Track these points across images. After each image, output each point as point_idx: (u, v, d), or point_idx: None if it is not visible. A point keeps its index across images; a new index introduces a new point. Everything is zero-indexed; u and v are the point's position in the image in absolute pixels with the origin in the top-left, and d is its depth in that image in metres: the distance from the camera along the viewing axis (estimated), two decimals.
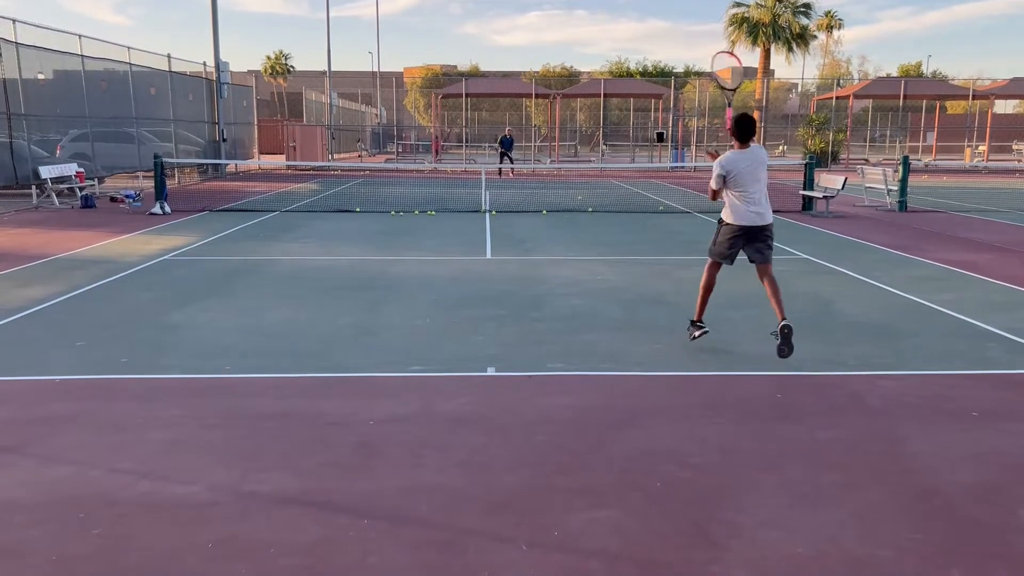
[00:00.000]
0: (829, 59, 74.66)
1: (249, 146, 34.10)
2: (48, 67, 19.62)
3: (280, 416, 5.16)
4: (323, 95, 43.99)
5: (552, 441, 4.79)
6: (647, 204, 19.61)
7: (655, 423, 5.11)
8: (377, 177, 29.66)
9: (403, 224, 15.14)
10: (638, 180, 29.14)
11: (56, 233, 13.37)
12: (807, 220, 16.28)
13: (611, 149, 52.14)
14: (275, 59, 74.43)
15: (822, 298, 8.79)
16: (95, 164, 20.40)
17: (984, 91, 44.38)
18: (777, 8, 40.74)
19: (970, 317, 7.86)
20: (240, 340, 6.96)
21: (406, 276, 9.91)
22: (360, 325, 7.49)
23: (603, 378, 6.00)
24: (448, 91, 44.86)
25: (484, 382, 5.92)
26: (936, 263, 11.08)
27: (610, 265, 10.82)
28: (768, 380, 5.97)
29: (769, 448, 4.70)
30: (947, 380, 6.04)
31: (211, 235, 13.27)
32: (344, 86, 67.37)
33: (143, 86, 23.84)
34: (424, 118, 66.52)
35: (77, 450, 4.62)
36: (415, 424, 5.04)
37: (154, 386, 5.77)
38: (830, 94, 46.85)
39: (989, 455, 4.64)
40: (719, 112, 59.02)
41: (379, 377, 6.02)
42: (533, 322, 7.60)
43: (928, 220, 16.45)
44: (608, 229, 14.57)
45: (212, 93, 28.41)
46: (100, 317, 7.73)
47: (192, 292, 8.84)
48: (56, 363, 6.22)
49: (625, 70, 66.83)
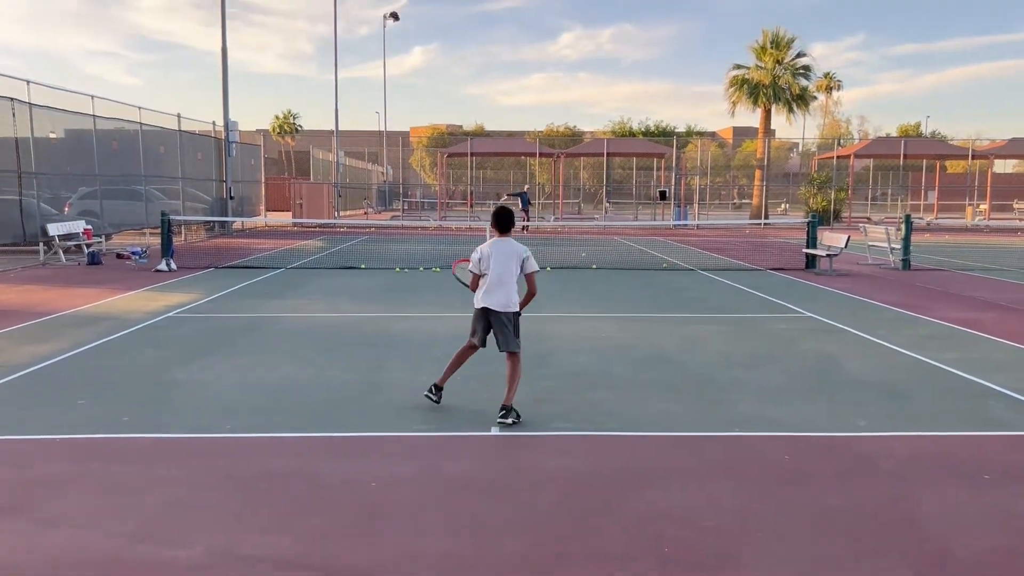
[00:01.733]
0: (829, 119, 75.68)
1: (256, 203, 34.43)
2: (60, 126, 19.95)
3: (281, 477, 5.10)
4: (330, 154, 44.58)
5: (558, 504, 4.71)
6: (651, 261, 19.67)
7: (663, 485, 5.03)
8: (383, 234, 29.86)
9: (408, 281, 15.18)
10: (641, 237, 29.29)
11: (62, 290, 13.41)
12: (811, 278, 16.29)
13: (614, 207, 52.55)
14: (283, 118, 75.63)
15: (828, 357, 8.74)
16: (103, 221, 20.58)
17: (983, 151, 44.83)
18: (777, 70, 41.40)
19: (977, 376, 7.79)
20: (243, 398, 6.91)
21: (410, 333, 9.89)
22: (364, 383, 7.44)
23: (610, 438, 5.93)
24: (454, 150, 45.45)
25: (489, 442, 5.85)
26: (941, 322, 11.04)
27: (615, 322, 10.80)
28: (777, 441, 5.89)
29: (781, 513, 4.62)
30: (957, 441, 5.96)
31: (216, 292, 13.30)
32: (351, 145, 68.40)
33: (153, 145, 24.20)
34: (430, 176, 67.28)
35: (76, 512, 4.54)
36: (418, 486, 4.97)
37: (155, 446, 5.71)
38: (831, 153, 47.35)
39: (1003, 519, 4.54)
40: (721, 171, 59.68)
41: (382, 437, 5.96)
42: (539, 380, 7.54)
43: (932, 278, 16.45)
44: (613, 286, 14.58)
45: (220, 151, 28.81)
46: (103, 375, 7.70)
47: (196, 349, 8.82)
48: (58, 422, 6.17)
49: (628, 130, 67.79)
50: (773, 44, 41.79)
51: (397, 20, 53.42)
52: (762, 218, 39.41)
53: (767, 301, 12.97)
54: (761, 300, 13.09)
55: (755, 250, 23.62)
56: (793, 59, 42.04)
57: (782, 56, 41.65)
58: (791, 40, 41.97)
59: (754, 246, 25.41)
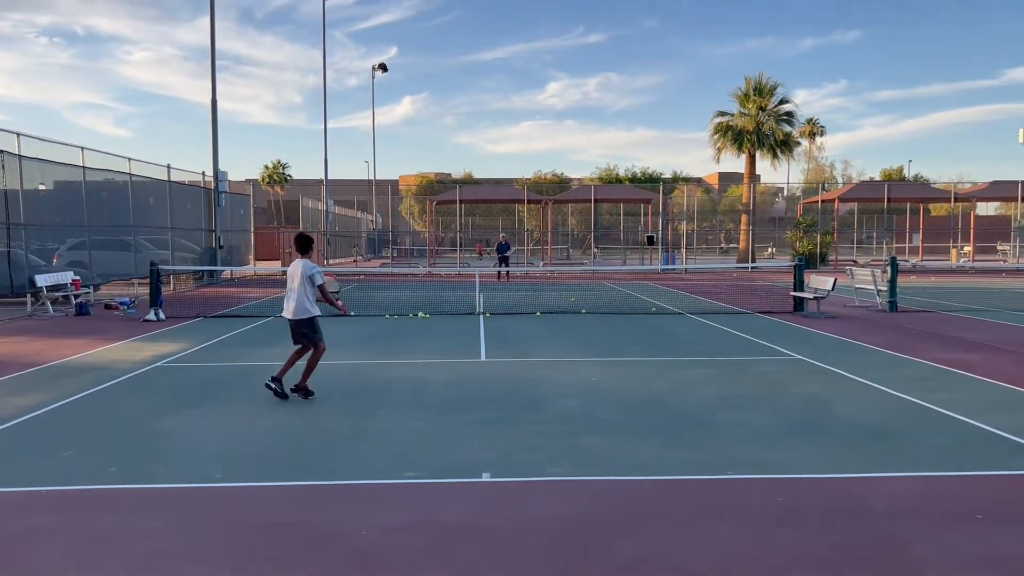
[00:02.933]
0: (813, 164, 76.77)
1: (245, 252, 34.46)
2: (49, 178, 20.00)
3: (271, 526, 5.04)
4: (320, 203, 44.80)
5: (549, 549, 4.67)
6: (640, 305, 19.73)
7: (655, 529, 5.00)
8: (372, 281, 29.90)
9: (397, 327, 15.17)
10: (630, 282, 29.42)
11: (49, 341, 13.34)
12: (799, 320, 16.38)
13: (602, 252, 52.91)
14: (273, 168, 76.11)
15: (818, 399, 8.76)
16: (91, 272, 20.54)
17: (965, 193, 45.54)
18: (760, 116, 42.12)
19: (967, 417, 7.83)
20: (232, 447, 6.86)
21: (400, 379, 9.87)
22: (354, 431, 7.40)
23: (601, 483, 5.91)
24: (442, 198, 45.85)
25: (480, 488, 5.82)
26: (930, 363, 11.10)
27: (605, 366, 10.81)
28: (769, 483, 5.88)
29: (773, 555, 4.60)
30: (948, 482, 5.96)
31: (205, 341, 13.25)
32: (341, 193, 68.70)
33: (142, 195, 24.27)
34: (419, 224, 67.61)
35: (62, 565, 4.48)
36: (409, 533, 4.93)
37: (143, 496, 5.65)
38: (816, 197, 47.98)
39: (997, 559, 4.54)
40: (708, 216, 60.25)
41: (373, 484, 5.91)
42: (529, 424, 7.53)
43: (919, 320, 16.57)
44: (602, 330, 14.62)
45: (210, 202, 28.92)
46: (90, 426, 7.63)
47: (184, 399, 8.76)
48: (44, 474, 6.11)
49: (615, 176, 68.56)
50: (756, 91, 42.60)
51: (386, 71, 54.20)
52: (749, 262, 39.72)
53: (756, 344, 13.02)
54: (750, 343, 13.14)
55: (743, 294, 23.76)
56: (776, 105, 42.83)
57: (765, 103, 42.42)
58: (774, 87, 42.85)
59: (742, 290, 25.56)
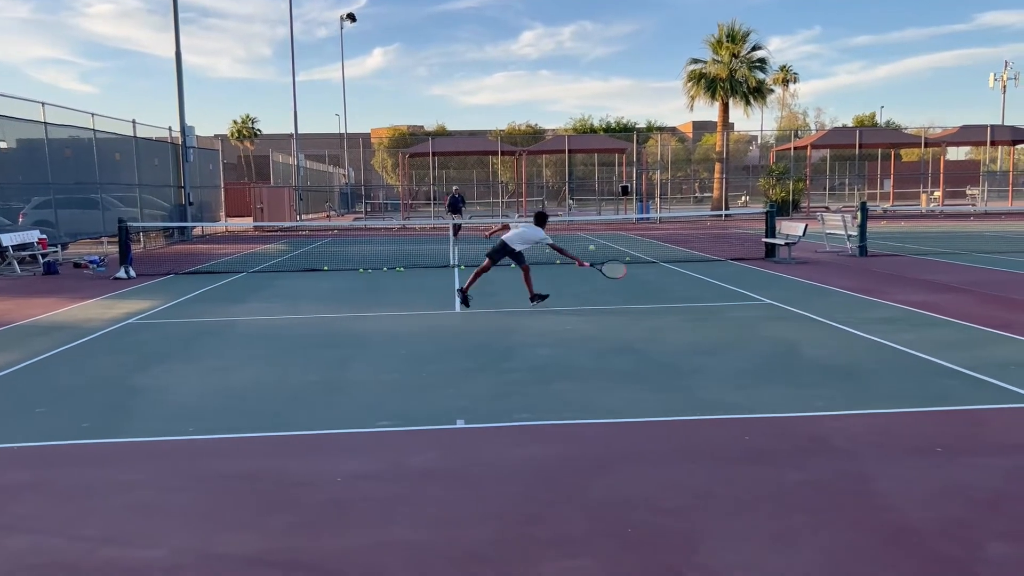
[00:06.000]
0: (786, 112, 76.65)
1: (216, 209, 34.02)
2: (11, 135, 19.54)
3: (246, 476, 5.08)
4: (290, 157, 44.19)
5: (523, 492, 4.76)
6: (614, 255, 19.79)
7: (627, 470, 5.10)
8: (346, 236, 29.70)
9: (372, 281, 15.13)
10: (605, 232, 29.48)
11: (18, 300, 13.16)
12: (770, 267, 16.55)
13: (578, 203, 52.84)
14: (242, 123, 74.71)
15: (787, 341, 8.90)
16: (59, 231, 20.21)
17: (936, 139, 45.83)
18: (733, 64, 41.91)
19: (930, 355, 8.00)
20: (205, 401, 6.87)
21: (374, 332, 9.88)
22: (327, 382, 7.43)
23: (574, 427, 6.00)
24: (415, 151, 45.35)
25: (454, 435, 5.89)
26: (897, 304, 11.29)
27: (579, 315, 10.89)
28: (737, 423, 6.01)
29: (741, 491, 4.71)
30: (911, 418, 6.12)
31: (176, 298, 13.15)
32: (312, 148, 67.85)
33: (108, 152, 23.79)
34: (392, 177, 66.98)
35: (37, 518, 4.49)
36: (384, 480, 4.99)
37: (116, 450, 5.66)
38: (788, 145, 48.08)
39: (955, 490, 4.69)
40: (682, 165, 60.21)
41: (347, 434, 5.96)
42: (504, 373, 7.59)
43: (888, 264, 16.80)
44: (576, 280, 14.67)
45: (178, 157, 28.44)
46: (62, 383, 7.59)
47: (156, 355, 8.73)
48: (16, 431, 6.08)
49: (589, 127, 68.09)
50: (729, 38, 42.33)
51: (355, 21, 53.11)
52: (723, 210, 39.90)
53: (728, 290, 13.15)
54: (722, 289, 13.28)
55: (716, 242, 23.92)
56: (749, 52, 42.62)
57: (738, 50, 42.20)
58: (747, 34, 42.58)
59: (715, 238, 25.72)
